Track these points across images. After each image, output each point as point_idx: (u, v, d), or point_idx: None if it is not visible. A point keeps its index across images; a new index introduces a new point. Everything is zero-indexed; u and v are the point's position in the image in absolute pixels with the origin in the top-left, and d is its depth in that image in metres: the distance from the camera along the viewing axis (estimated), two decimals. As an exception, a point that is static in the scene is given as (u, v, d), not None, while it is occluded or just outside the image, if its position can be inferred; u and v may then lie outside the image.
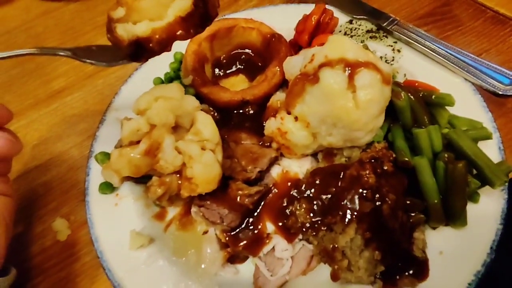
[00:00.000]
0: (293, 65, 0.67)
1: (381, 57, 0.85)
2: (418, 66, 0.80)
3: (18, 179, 0.86)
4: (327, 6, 0.94)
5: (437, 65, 0.78)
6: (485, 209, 0.57)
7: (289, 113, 0.62)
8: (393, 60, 0.84)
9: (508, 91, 0.69)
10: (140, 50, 0.49)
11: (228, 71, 0.91)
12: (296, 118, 0.61)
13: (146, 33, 0.47)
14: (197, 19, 0.49)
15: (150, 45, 0.48)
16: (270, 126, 0.64)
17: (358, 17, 0.91)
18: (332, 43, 0.58)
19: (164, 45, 0.49)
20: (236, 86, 0.89)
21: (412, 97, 0.65)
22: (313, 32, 0.85)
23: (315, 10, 0.84)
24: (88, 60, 0.62)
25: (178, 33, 0.49)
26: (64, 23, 1.26)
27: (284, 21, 0.94)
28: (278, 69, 0.77)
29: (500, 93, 0.69)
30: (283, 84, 0.77)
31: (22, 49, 0.61)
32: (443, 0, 1.03)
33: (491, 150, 0.63)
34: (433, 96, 0.66)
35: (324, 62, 0.56)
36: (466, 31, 0.95)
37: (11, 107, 1.03)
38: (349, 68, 0.54)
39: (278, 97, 0.68)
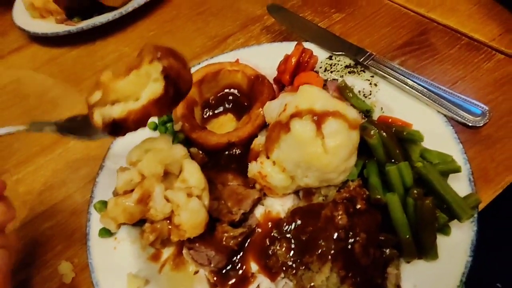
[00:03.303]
0: (272, 109, 0.72)
1: (359, 92, 0.89)
2: (394, 100, 0.84)
3: (25, 225, 0.93)
4: (307, 43, 1.01)
5: (412, 98, 0.82)
6: (456, 241, 0.60)
7: (268, 157, 0.67)
8: (370, 94, 0.88)
9: (478, 122, 0.73)
10: (117, 128, 0.55)
11: (217, 111, 0.97)
12: (274, 162, 0.66)
13: (122, 114, 0.53)
14: (169, 100, 0.54)
15: (126, 124, 0.54)
16: (252, 169, 0.69)
17: (337, 53, 0.96)
18: (302, 93, 0.64)
19: (140, 124, 0.55)
20: (225, 125, 0.95)
21: (384, 133, 0.69)
22: (293, 71, 0.90)
23: (294, 51, 0.90)
24: (71, 135, 0.68)
25: (152, 112, 0.54)
26: (67, 69, 1.35)
27: (268, 60, 1.00)
28: (261, 111, 0.82)
29: (470, 124, 0.73)
30: (267, 124, 0.82)
31: (12, 126, 0.67)
32: (420, 29, 1.08)
33: (462, 182, 0.67)
34: (405, 132, 0.70)
35: (294, 113, 0.61)
36: (442, 59, 0.99)
37: (20, 155, 1.14)
38: (317, 118, 0.59)
39: (260, 141, 0.73)
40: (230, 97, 0.97)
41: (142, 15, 1.42)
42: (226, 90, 0.97)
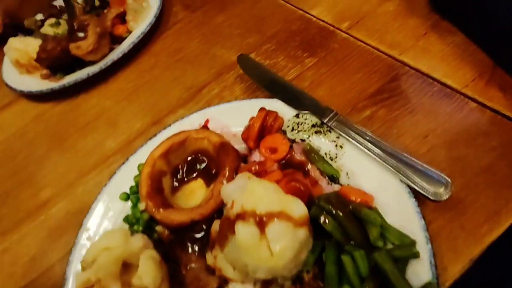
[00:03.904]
0: (228, 194, 0.72)
1: (325, 154, 0.88)
2: (358, 165, 0.82)
3: (8, 303, 0.95)
4: (274, 100, 1.00)
5: (376, 164, 0.80)
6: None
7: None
8: (336, 157, 0.86)
9: (440, 196, 0.70)
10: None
11: (187, 178, 0.97)
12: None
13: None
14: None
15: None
16: (209, 259, 0.69)
17: (303, 111, 0.95)
18: (248, 192, 0.63)
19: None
20: (195, 192, 0.95)
21: (341, 213, 0.68)
22: (258, 137, 0.90)
23: (257, 117, 0.89)
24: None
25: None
26: (52, 126, 1.39)
27: (238, 118, 1.00)
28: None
29: (432, 198, 0.70)
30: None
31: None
32: (391, 75, 1.05)
33: (423, 265, 0.64)
34: (362, 213, 0.68)
35: (239, 213, 0.60)
36: (414, 108, 0.96)
37: (6, 222, 1.17)
38: (261, 221, 0.59)
39: (217, 226, 0.73)
40: (199, 162, 0.97)
41: (122, 64, 1.44)
42: (196, 155, 0.97)
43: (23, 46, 1.45)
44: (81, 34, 1.32)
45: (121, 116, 1.31)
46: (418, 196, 0.73)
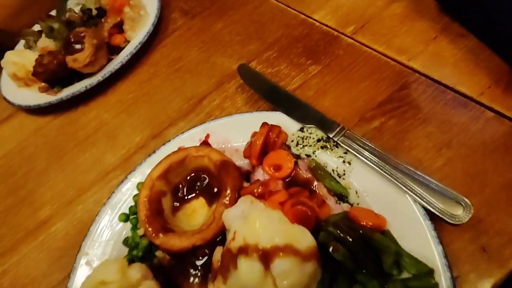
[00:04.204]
0: (230, 219, 0.67)
1: (332, 170, 0.83)
2: (368, 183, 0.77)
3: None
4: (278, 114, 0.95)
5: (388, 182, 0.75)
6: None
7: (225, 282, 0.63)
8: (344, 174, 0.81)
9: (459, 219, 0.65)
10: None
11: (188, 196, 0.93)
12: (230, 290, 0.61)
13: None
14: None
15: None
16: (211, 290, 0.65)
17: (308, 126, 0.90)
18: (250, 224, 0.58)
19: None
20: (197, 212, 0.91)
21: (351, 240, 0.63)
22: (260, 155, 0.85)
23: (258, 135, 0.84)
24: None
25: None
26: (51, 140, 1.36)
27: (240, 132, 0.96)
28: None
29: (450, 222, 0.65)
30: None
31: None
32: (400, 82, 0.99)
33: (442, 296, 0.60)
34: (374, 239, 0.64)
35: (242, 247, 0.56)
36: (426, 118, 0.91)
37: (6, 242, 1.14)
38: (265, 256, 0.54)
39: (219, 256, 0.68)
40: (201, 179, 0.93)
41: (121, 75, 1.41)
42: (197, 173, 0.93)
43: (20, 60, 1.42)
44: (77, 46, 1.29)
45: (121, 129, 1.27)
46: (434, 217, 0.68)
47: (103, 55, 1.33)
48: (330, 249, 0.61)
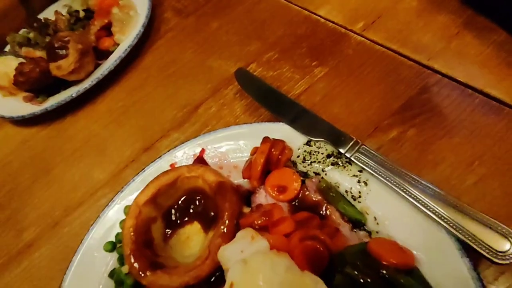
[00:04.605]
0: (228, 259, 0.57)
1: (346, 192, 0.72)
2: (389, 208, 0.66)
3: None
4: (281, 124, 0.84)
5: (412, 207, 0.63)
6: None
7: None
8: (359, 196, 0.70)
9: (504, 257, 0.53)
10: None
11: (182, 220, 0.82)
12: None
13: None
14: None
15: None
16: None
17: (316, 139, 0.79)
18: (250, 276, 0.47)
19: None
20: (191, 239, 0.81)
21: (373, 285, 0.52)
22: (262, 175, 0.74)
23: (258, 153, 0.73)
24: None
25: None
26: (37, 154, 1.26)
27: (238, 146, 0.86)
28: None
29: (495, 260, 0.53)
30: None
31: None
32: (420, 85, 0.87)
33: None
34: (401, 283, 0.52)
35: (239, 303, 0.45)
36: (452, 127, 0.79)
37: (-14, 268, 1.05)
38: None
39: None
40: (195, 202, 0.82)
41: (110, 81, 1.30)
42: (190, 194, 0.82)
43: (2, 68, 1.32)
44: (61, 52, 1.18)
45: (110, 141, 1.17)
46: (471, 252, 0.57)
47: (89, 60, 1.23)
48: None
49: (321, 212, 0.71)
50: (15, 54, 1.45)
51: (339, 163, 0.75)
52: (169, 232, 0.80)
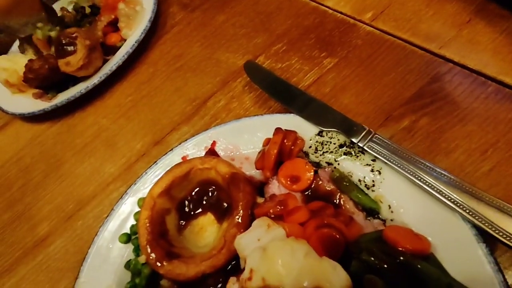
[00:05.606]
0: (245, 247, 0.57)
1: (359, 181, 0.72)
2: (403, 196, 0.66)
3: None
4: (291, 116, 0.84)
5: (426, 194, 0.64)
6: None
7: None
8: (373, 185, 0.70)
9: (521, 241, 0.53)
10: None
11: (195, 212, 0.83)
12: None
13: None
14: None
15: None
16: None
17: (327, 129, 0.79)
18: (269, 261, 0.48)
19: None
20: (205, 229, 0.81)
21: (390, 271, 0.53)
22: (275, 166, 0.74)
23: (271, 144, 0.73)
24: None
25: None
26: (48, 149, 1.27)
27: (250, 138, 0.86)
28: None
29: (510, 245, 0.54)
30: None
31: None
32: (431, 74, 0.87)
33: None
34: (419, 269, 0.53)
35: (260, 288, 0.46)
36: (465, 115, 0.78)
37: (3, 262, 1.07)
38: (289, 301, 0.44)
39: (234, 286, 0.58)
40: (208, 193, 0.83)
41: (118, 77, 1.31)
42: (203, 186, 0.83)
43: (11, 65, 1.32)
44: (70, 49, 1.19)
45: (120, 136, 1.17)
46: (488, 237, 0.57)
47: (97, 56, 1.23)
48: (367, 284, 0.50)
49: (335, 201, 0.71)
50: (22, 51, 1.47)
51: (352, 152, 0.75)
52: (183, 224, 0.81)
